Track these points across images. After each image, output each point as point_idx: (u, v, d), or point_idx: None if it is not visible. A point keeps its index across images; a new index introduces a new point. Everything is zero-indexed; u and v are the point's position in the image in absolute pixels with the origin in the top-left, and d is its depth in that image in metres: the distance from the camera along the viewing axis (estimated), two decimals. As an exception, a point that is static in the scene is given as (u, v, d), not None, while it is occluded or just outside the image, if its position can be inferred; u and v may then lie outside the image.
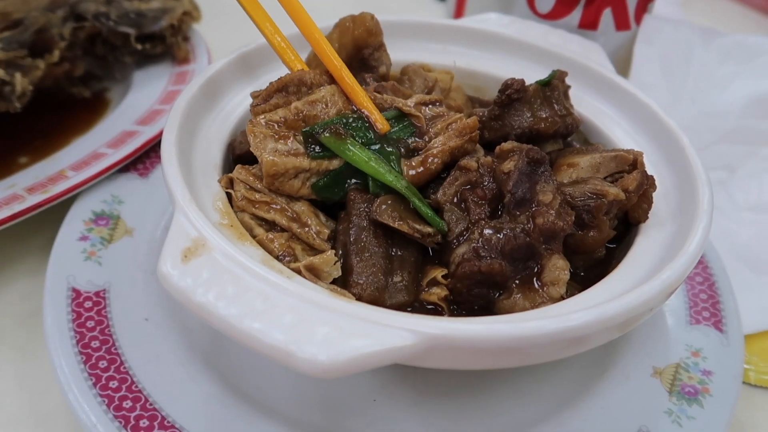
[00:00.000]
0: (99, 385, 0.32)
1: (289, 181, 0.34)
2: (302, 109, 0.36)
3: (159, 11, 0.53)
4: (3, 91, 0.43)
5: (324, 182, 0.35)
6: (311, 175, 0.35)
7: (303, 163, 0.34)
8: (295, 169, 0.34)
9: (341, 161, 0.35)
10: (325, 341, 0.26)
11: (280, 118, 0.35)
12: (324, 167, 0.35)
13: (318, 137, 0.34)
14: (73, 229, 0.40)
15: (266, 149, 0.34)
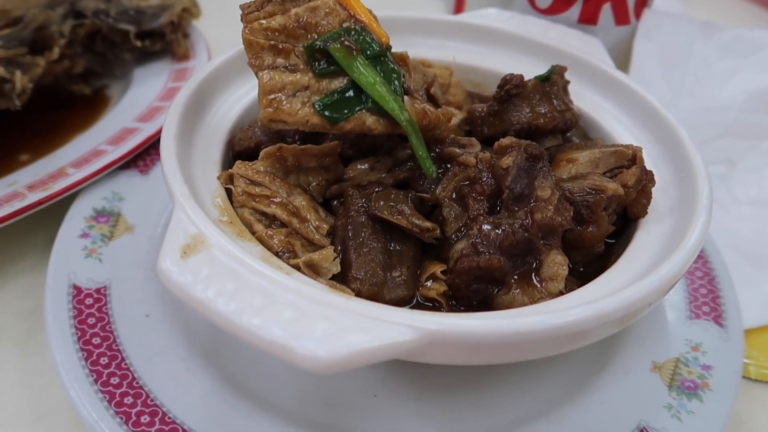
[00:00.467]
0: (100, 381, 0.32)
1: (289, 100, 0.32)
2: (303, 15, 0.33)
3: (158, 8, 0.53)
4: (3, 89, 0.43)
5: (326, 102, 0.33)
6: (312, 93, 0.33)
7: (303, 80, 0.32)
8: (293, 86, 0.32)
9: (345, 80, 0.33)
10: (324, 337, 0.26)
11: (278, 26, 0.33)
12: (325, 86, 0.33)
13: (327, 47, 0.32)
14: (74, 226, 0.40)
15: (264, 63, 0.32)
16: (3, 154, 0.48)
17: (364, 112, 0.33)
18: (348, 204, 0.35)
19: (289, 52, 0.33)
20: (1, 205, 0.39)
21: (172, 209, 0.31)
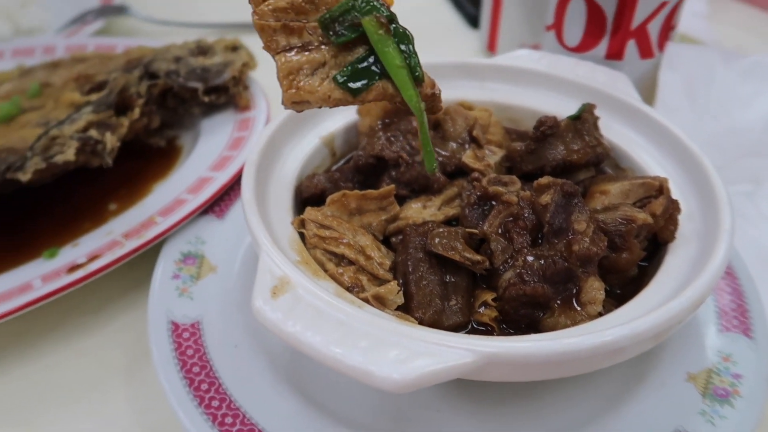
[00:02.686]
0: (203, 404, 0.37)
1: (308, 79, 0.33)
2: None
3: (221, 65, 0.59)
4: (96, 149, 0.49)
5: (345, 75, 0.33)
6: (330, 69, 0.33)
7: (319, 57, 0.33)
8: (310, 64, 0.33)
9: (361, 50, 0.33)
10: (397, 362, 0.31)
11: (286, 4, 0.33)
12: (342, 60, 0.33)
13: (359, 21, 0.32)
14: (166, 268, 0.46)
15: (279, 46, 0.33)
16: (95, 203, 0.54)
17: (384, 81, 0.33)
18: (406, 242, 0.40)
19: (302, 30, 0.33)
20: (105, 254, 0.45)
21: (259, 255, 0.36)
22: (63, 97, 0.54)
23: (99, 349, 0.45)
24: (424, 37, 0.44)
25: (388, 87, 0.33)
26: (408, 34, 0.33)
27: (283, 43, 0.33)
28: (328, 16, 0.32)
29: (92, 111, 0.51)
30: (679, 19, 0.56)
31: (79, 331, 0.46)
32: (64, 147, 0.48)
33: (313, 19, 0.33)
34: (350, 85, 0.33)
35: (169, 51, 0.60)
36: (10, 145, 0.49)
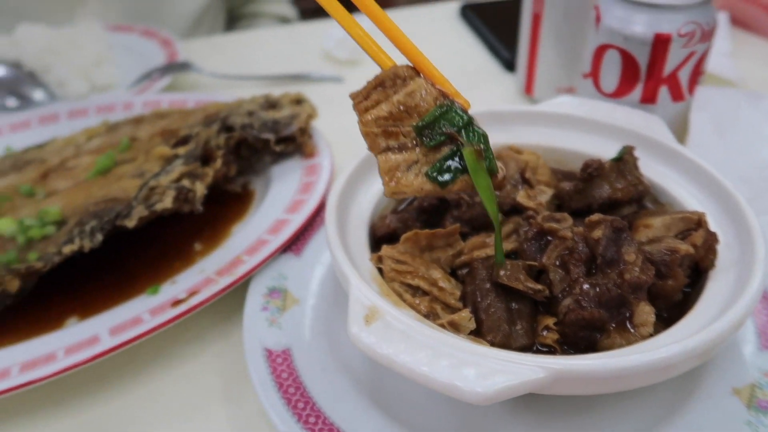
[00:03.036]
0: (302, 420, 0.43)
1: (404, 174, 0.39)
2: (403, 101, 0.40)
3: (289, 117, 0.65)
4: (188, 197, 0.56)
5: (434, 171, 0.39)
6: (421, 165, 0.40)
7: (412, 156, 0.39)
8: (406, 162, 0.39)
9: (448, 150, 0.39)
10: (479, 377, 0.36)
11: (386, 113, 0.40)
12: (431, 158, 0.39)
13: (447, 130, 0.38)
14: (256, 302, 0.51)
15: (380, 147, 0.40)
16: (182, 244, 0.60)
17: (467, 175, 0.40)
18: (474, 274, 0.45)
19: (398, 134, 0.40)
20: (201, 290, 0.51)
21: (348, 289, 0.42)
22: (153, 150, 0.61)
23: (198, 374, 0.51)
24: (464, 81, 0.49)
25: (470, 180, 0.40)
26: (483, 133, 0.40)
27: (383, 145, 0.39)
28: (421, 124, 0.39)
29: (183, 163, 0.57)
30: (707, 65, 0.61)
31: (179, 359, 0.52)
32: (162, 196, 0.54)
33: (407, 125, 0.40)
34: (439, 179, 0.39)
35: (241, 106, 0.67)
36: (113, 195, 0.56)
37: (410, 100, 0.39)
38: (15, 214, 0.59)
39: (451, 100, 0.40)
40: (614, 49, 0.61)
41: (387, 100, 0.39)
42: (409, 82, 0.40)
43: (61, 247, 0.52)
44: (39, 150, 0.70)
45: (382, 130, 0.39)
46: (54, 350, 0.48)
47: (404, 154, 0.39)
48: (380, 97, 0.40)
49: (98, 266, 0.58)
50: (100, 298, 0.55)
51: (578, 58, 0.77)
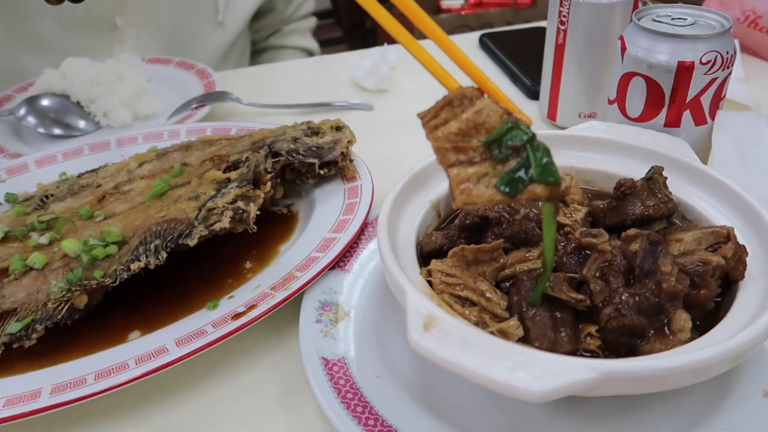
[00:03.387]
0: (361, 423, 0.46)
1: (475, 186, 0.42)
2: (472, 118, 0.42)
3: (332, 143, 0.69)
4: (242, 217, 0.59)
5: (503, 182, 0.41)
6: (490, 177, 0.42)
7: (482, 169, 0.42)
8: (476, 175, 0.42)
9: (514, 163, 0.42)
10: (534, 378, 0.39)
11: (456, 130, 0.42)
12: (499, 170, 0.42)
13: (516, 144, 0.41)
14: (310, 314, 0.55)
15: (450, 161, 0.42)
16: (234, 262, 0.64)
17: (533, 185, 0.42)
18: (519, 285, 0.48)
19: (467, 149, 0.43)
20: (259, 304, 0.55)
21: (406, 300, 0.45)
22: (206, 175, 0.65)
23: (255, 383, 0.54)
24: None
25: (536, 189, 0.42)
26: (545, 147, 0.43)
27: (453, 159, 0.42)
28: (490, 139, 0.42)
29: (237, 186, 0.61)
30: (727, 90, 0.65)
31: (236, 369, 0.55)
32: (221, 216, 0.58)
33: (475, 141, 0.43)
34: (508, 190, 0.42)
35: (285, 132, 0.71)
36: (172, 216, 0.60)
37: (478, 118, 0.42)
38: (77, 236, 0.63)
39: (515, 117, 0.43)
40: (639, 77, 0.65)
41: (456, 118, 0.42)
42: (476, 102, 0.43)
43: (128, 264, 0.56)
44: (93, 175, 0.74)
45: (453, 145, 0.42)
46: (125, 360, 0.51)
47: (474, 167, 0.42)
48: (449, 116, 0.43)
49: (155, 284, 0.62)
50: (159, 314, 0.58)
51: (599, 86, 0.82)
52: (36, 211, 0.70)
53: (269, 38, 1.50)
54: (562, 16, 0.78)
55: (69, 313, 0.56)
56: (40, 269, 0.60)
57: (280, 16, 1.46)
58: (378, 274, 0.60)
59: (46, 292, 0.57)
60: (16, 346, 0.54)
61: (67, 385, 0.49)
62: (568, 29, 0.78)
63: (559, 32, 0.80)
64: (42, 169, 0.78)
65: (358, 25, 1.71)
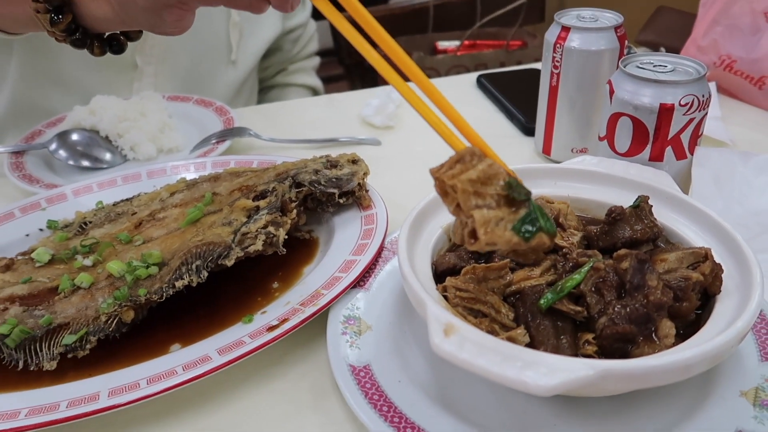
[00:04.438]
0: (388, 421, 0.52)
1: (496, 228, 0.47)
2: (486, 170, 0.48)
3: (350, 174, 0.76)
4: (273, 241, 0.66)
5: (518, 227, 0.48)
6: (507, 222, 0.48)
7: (499, 213, 0.48)
8: (495, 218, 0.48)
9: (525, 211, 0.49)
10: (542, 375, 0.45)
11: (475, 177, 0.48)
12: (514, 216, 0.48)
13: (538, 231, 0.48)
14: (336, 327, 0.61)
15: (473, 205, 0.48)
16: (261, 282, 0.70)
17: (542, 234, 0.49)
18: (525, 299, 0.55)
19: (485, 195, 0.49)
20: (291, 318, 0.61)
21: (426, 311, 0.51)
22: (237, 203, 0.71)
23: (287, 390, 0.60)
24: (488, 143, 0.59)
25: (543, 238, 0.49)
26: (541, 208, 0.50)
27: (473, 203, 0.48)
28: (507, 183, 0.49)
29: (267, 213, 0.68)
30: (704, 129, 0.73)
31: (269, 377, 0.61)
32: (255, 240, 0.64)
33: (491, 189, 0.49)
34: (525, 236, 0.48)
35: (306, 165, 0.78)
36: (209, 240, 0.66)
37: (490, 170, 0.49)
38: (119, 258, 0.69)
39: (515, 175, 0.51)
40: (626, 117, 0.73)
41: (471, 168, 0.49)
42: (484, 158, 0.50)
43: (173, 282, 0.62)
44: (128, 204, 0.80)
45: (474, 190, 0.49)
46: (173, 367, 0.57)
47: (494, 211, 0.48)
48: (463, 168, 0.49)
49: (191, 302, 0.68)
50: (197, 328, 0.64)
51: (589, 124, 0.90)
52: (77, 236, 0.76)
53: (276, 76, 1.58)
54: (555, 61, 0.87)
55: (117, 326, 0.62)
56: (87, 288, 0.66)
57: (287, 56, 1.54)
58: (395, 291, 0.66)
59: (95, 309, 0.63)
60: (70, 356, 0.60)
61: (122, 389, 0.55)
62: (561, 73, 0.87)
63: (552, 75, 0.88)
64: (79, 198, 0.84)
65: (358, 64, 1.80)
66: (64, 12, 0.63)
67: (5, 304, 0.65)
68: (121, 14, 0.62)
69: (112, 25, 0.65)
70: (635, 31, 1.39)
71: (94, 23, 0.65)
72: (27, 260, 0.72)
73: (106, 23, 0.65)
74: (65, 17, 0.63)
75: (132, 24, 0.64)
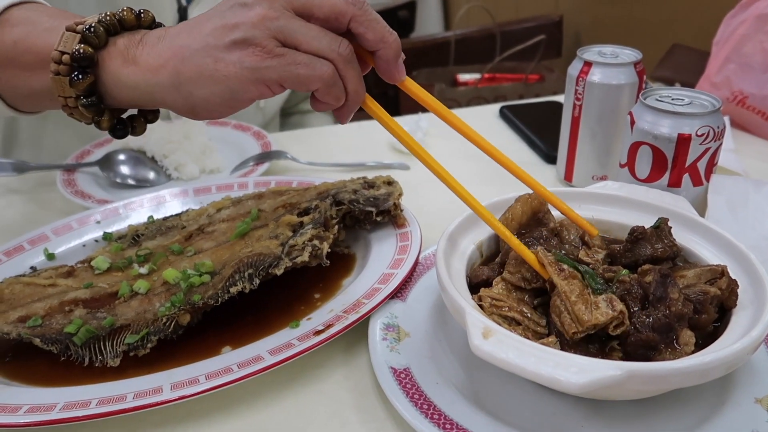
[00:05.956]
0: (428, 417, 0.56)
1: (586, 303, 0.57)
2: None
3: (386, 195, 0.82)
4: (317, 253, 0.71)
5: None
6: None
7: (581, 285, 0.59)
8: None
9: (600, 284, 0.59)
10: (574, 374, 0.49)
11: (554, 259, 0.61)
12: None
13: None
14: (377, 334, 0.66)
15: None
16: (304, 293, 0.75)
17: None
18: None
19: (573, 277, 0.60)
20: (335, 324, 0.66)
21: (465, 317, 0.56)
22: (282, 219, 0.77)
23: (330, 391, 0.64)
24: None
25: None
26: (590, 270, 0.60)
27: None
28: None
29: (312, 227, 0.73)
30: (719, 158, 0.78)
31: (314, 379, 0.66)
32: (301, 252, 0.70)
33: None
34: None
35: (345, 186, 0.84)
36: (258, 252, 0.71)
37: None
38: (173, 267, 0.75)
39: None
40: (646, 145, 0.79)
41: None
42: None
43: (228, 288, 0.67)
44: (177, 219, 0.86)
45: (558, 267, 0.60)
46: (229, 365, 0.62)
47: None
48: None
49: (240, 309, 0.73)
50: (246, 333, 0.69)
51: (609, 152, 0.95)
52: (131, 247, 0.82)
53: (299, 104, 1.65)
54: (578, 93, 0.92)
55: (174, 329, 0.67)
56: (144, 294, 0.71)
57: (311, 87, 1.60)
58: (431, 303, 0.71)
59: (153, 312, 0.68)
60: (132, 354, 0.65)
61: (183, 383, 0.60)
62: (583, 105, 0.92)
63: (575, 107, 0.94)
64: (130, 213, 0.90)
65: (382, 93, 1.87)
66: (87, 72, 0.56)
67: (70, 306, 0.70)
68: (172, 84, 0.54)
69: (137, 96, 0.57)
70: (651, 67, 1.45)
71: (114, 90, 0.57)
72: (86, 268, 0.78)
73: (127, 92, 0.57)
74: (87, 78, 0.55)
75: (164, 100, 0.57)
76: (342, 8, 0.53)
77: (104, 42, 0.57)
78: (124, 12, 0.58)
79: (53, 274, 0.76)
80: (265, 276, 0.69)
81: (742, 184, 0.78)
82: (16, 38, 0.60)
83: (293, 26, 0.53)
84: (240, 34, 0.52)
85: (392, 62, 0.57)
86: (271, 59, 0.52)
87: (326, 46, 0.53)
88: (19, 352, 0.69)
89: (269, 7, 0.53)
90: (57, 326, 0.67)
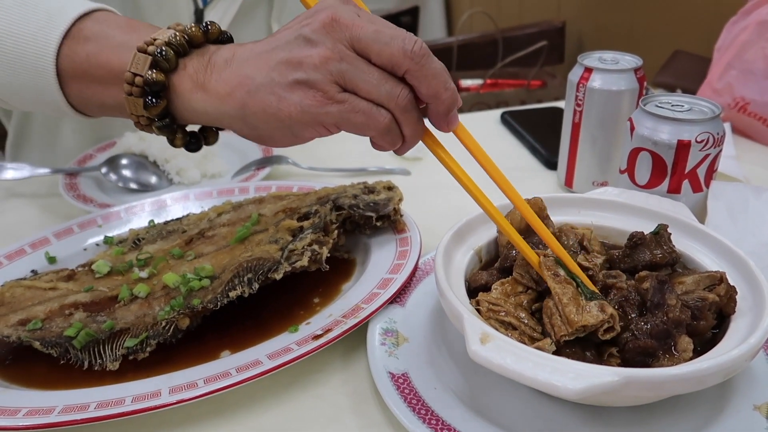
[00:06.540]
0: (426, 422, 0.56)
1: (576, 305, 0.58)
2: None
3: (386, 200, 0.82)
4: (317, 258, 0.71)
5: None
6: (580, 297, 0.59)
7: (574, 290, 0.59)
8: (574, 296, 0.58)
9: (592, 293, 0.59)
10: (571, 380, 0.49)
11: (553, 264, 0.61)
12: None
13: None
14: (375, 339, 0.66)
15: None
16: (303, 297, 0.75)
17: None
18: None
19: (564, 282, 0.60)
20: (334, 328, 0.66)
21: (463, 322, 0.56)
22: (282, 223, 0.77)
23: (329, 395, 0.64)
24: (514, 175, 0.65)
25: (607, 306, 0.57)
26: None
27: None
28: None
29: (311, 232, 0.74)
30: (719, 165, 0.78)
31: (312, 383, 0.66)
32: (301, 256, 0.70)
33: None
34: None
35: (345, 190, 0.84)
36: (258, 256, 0.72)
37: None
38: (173, 271, 0.75)
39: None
40: (646, 152, 0.79)
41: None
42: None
43: (227, 292, 0.67)
44: (178, 223, 0.86)
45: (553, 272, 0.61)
46: (227, 369, 0.62)
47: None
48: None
49: (239, 314, 0.73)
50: (245, 337, 0.70)
51: (609, 158, 0.95)
52: (132, 251, 0.82)
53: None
54: (578, 100, 0.93)
55: (173, 333, 0.67)
56: (144, 298, 0.72)
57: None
58: (429, 309, 0.71)
59: (152, 316, 0.69)
60: (131, 357, 0.65)
61: (182, 387, 0.60)
62: (583, 111, 0.93)
63: (575, 113, 0.94)
64: (131, 217, 0.90)
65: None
66: (160, 96, 0.57)
67: (70, 309, 0.70)
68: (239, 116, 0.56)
69: (207, 120, 0.60)
70: (652, 73, 1.46)
71: (185, 114, 0.59)
72: (87, 271, 0.78)
73: (197, 116, 0.59)
74: (161, 102, 0.57)
75: (232, 128, 0.59)
76: (399, 61, 0.52)
77: (174, 65, 0.57)
78: (192, 29, 0.58)
79: (54, 278, 0.76)
80: (264, 280, 0.69)
81: (741, 191, 0.78)
82: (89, 52, 0.60)
83: (354, 71, 0.53)
84: (303, 74, 0.53)
85: (442, 117, 0.57)
86: (330, 105, 0.53)
87: (385, 95, 0.54)
88: (19, 355, 0.70)
89: (332, 47, 0.52)
90: (57, 329, 0.67)
